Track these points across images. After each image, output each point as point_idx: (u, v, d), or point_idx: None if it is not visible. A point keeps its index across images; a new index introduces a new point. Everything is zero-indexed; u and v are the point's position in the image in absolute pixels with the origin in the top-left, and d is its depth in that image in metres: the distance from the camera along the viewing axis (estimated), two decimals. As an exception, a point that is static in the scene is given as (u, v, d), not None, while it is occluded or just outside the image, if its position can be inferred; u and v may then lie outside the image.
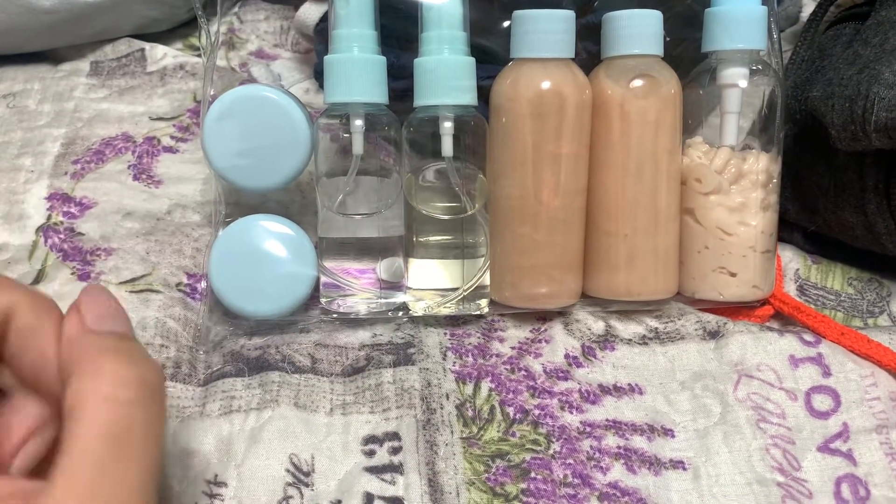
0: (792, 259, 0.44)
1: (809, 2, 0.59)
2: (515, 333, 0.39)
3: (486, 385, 0.37)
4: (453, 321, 0.40)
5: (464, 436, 0.35)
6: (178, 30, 0.54)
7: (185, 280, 0.40)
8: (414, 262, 0.39)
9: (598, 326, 0.39)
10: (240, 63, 0.52)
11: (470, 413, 0.36)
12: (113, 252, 0.41)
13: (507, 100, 0.37)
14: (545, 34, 0.36)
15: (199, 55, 0.51)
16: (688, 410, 0.36)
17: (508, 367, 0.37)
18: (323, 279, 0.38)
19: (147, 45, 0.52)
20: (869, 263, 0.43)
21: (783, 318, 0.41)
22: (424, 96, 0.37)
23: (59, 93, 0.49)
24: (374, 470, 0.34)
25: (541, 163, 0.37)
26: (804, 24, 0.51)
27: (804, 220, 0.43)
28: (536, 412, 0.36)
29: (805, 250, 0.44)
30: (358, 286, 0.39)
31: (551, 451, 0.34)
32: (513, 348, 0.38)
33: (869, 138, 0.36)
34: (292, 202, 0.43)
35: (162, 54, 0.51)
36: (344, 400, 0.36)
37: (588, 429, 0.35)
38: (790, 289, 0.43)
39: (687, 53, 0.41)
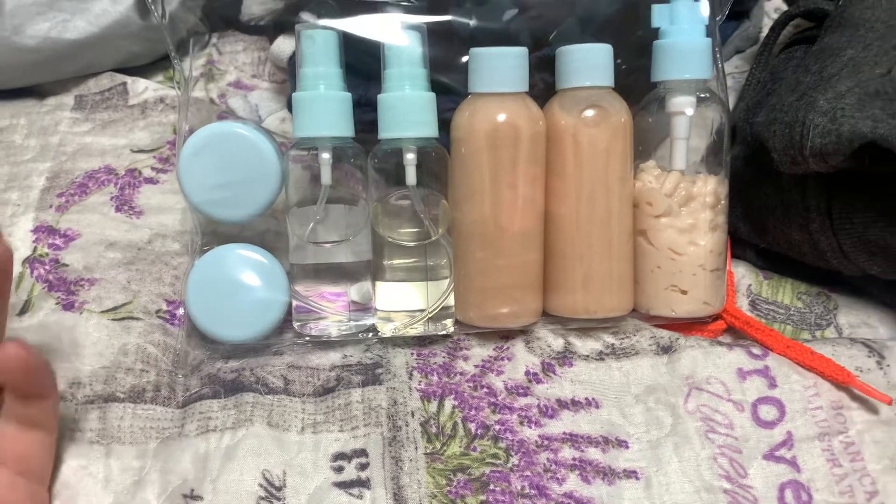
0: (744, 275, 0.46)
1: (770, 22, 0.61)
2: (479, 352, 0.41)
3: (449, 402, 0.39)
4: (421, 341, 0.42)
5: (427, 451, 0.37)
6: (159, 63, 0.56)
7: (164, 307, 0.43)
8: (381, 286, 0.41)
9: (558, 343, 0.41)
10: (219, 94, 0.55)
11: (434, 429, 0.38)
12: (96, 282, 0.43)
13: (465, 132, 0.39)
14: (499, 70, 0.39)
15: (177, 88, 0.53)
16: (641, 423, 0.38)
17: (471, 384, 0.39)
18: (295, 304, 0.41)
19: (129, 79, 0.54)
20: (818, 278, 0.45)
21: (736, 332, 0.43)
22: (388, 130, 0.39)
23: (45, 127, 0.51)
24: (343, 485, 0.36)
25: (498, 190, 0.39)
26: (759, 47, 0.54)
27: (755, 239, 0.46)
28: (497, 427, 0.38)
29: (757, 266, 0.47)
30: (329, 310, 0.41)
31: (510, 465, 0.36)
32: (476, 366, 0.40)
33: (807, 162, 0.39)
34: (268, 231, 0.45)
35: (143, 87, 0.53)
36: (315, 419, 0.38)
37: (546, 442, 0.37)
38: (743, 304, 0.45)
39: (639, 83, 0.43)
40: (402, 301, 0.41)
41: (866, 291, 0.45)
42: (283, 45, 0.50)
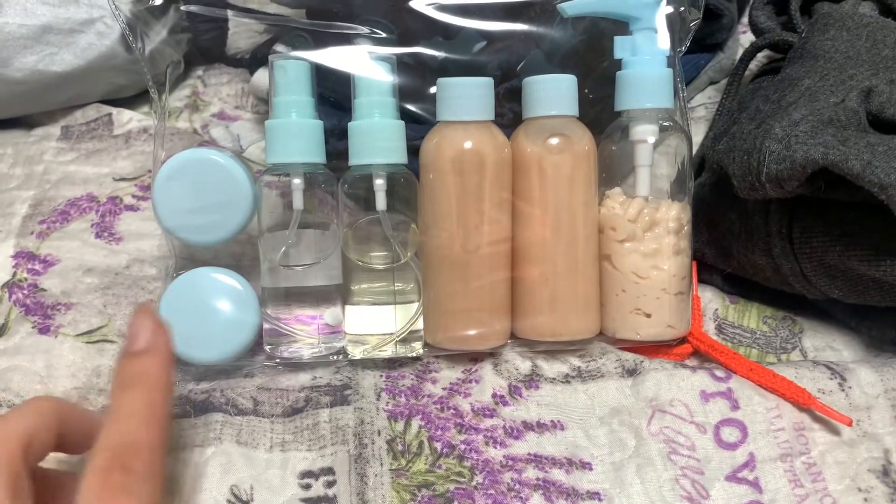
0: (711, 300, 0.47)
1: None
2: (448, 374, 0.42)
3: (416, 422, 0.39)
4: (390, 364, 0.42)
5: (393, 468, 0.37)
6: (144, 94, 0.58)
7: (139, 330, 0.43)
8: (351, 309, 0.42)
9: (525, 366, 0.42)
10: (202, 124, 0.56)
11: (400, 447, 0.38)
12: (72, 306, 0.43)
13: (432, 158, 0.40)
14: (466, 99, 0.40)
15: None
16: (605, 444, 0.39)
17: (439, 406, 0.40)
18: (266, 326, 0.41)
19: (114, 110, 0.55)
20: (784, 302, 0.46)
21: (702, 355, 0.44)
22: (358, 156, 0.40)
23: (30, 157, 0.53)
24: (310, 501, 0.36)
25: (465, 215, 0.40)
26: (728, 78, 0.55)
27: (720, 263, 0.47)
28: (462, 447, 0.38)
29: (724, 291, 0.47)
30: (301, 333, 0.42)
31: (474, 483, 0.37)
32: (444, 389, 0.41)
33: (764, 188, 0.40)
34: (244, 254, 0.46)
35: (128, 118, 0.55)
36: (283, 438, 0.39)
37: (510, 462, 0.38)
38: (709, 328, 0.45)
39: (605, 113, 0.45)
40: (371, 324, 0.42)
41: (831, 315, 0.45)
42: (263, 77, 0.51)
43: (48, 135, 0.54)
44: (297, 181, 0.40)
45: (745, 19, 0.63)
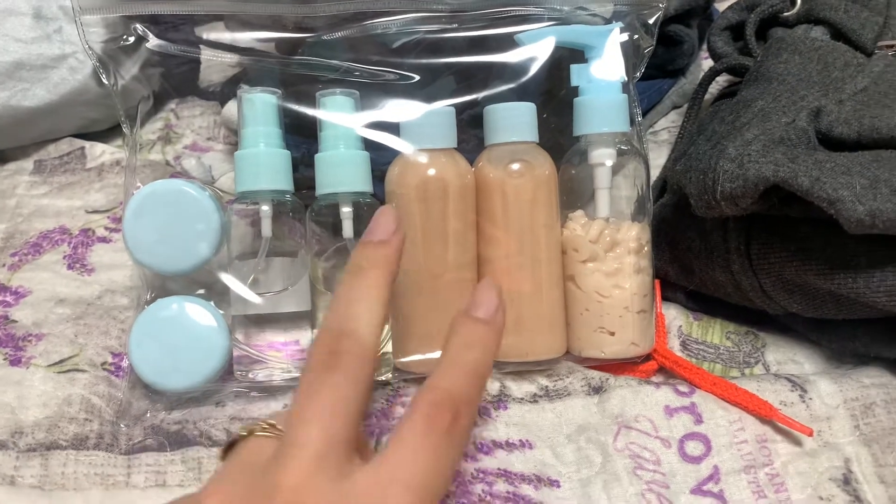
0: (676, 317, 0.48)
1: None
2: (418, 397, 0.42)
3: (386, 438, 0.40)
4: (361, 388, 0.43)
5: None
6: (117, 128, 0.59)
7: (110, 359, 0.44)
8: (320, 335, 0.42)
9: (494, 387, 0.43)
10: (174, 156, 0.57)
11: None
12: (44, 337, 0.44)
13: (396, 185, 0.41)
14: (429, 128, 0.41)
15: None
16: (572, 462, 0.39)
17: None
18: (236, 353, 0.42)
19: (87, 144, 0.56)
20: (747, 318, 0.47)
21: (667, 371, 0.44)
22: (325, 186, 0.41)
23: (3, 191, 0.53)
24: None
25: (430, 241, 0.41)
26: (689, 101, 0.57)
27: (683, 281, 0.48)
28: (431, 468, 0.39)
29: (688, 308, 0.48)
30: (273, 359, 0.42)
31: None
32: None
33: (720, 206, 0.41)
34: (216, 282, 0.47)
35: (101, 151, 0.55)
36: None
37: (481, 475, 0.38)
38: (674, 344, 0.46)
39: (564, 138, 0.46)
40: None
41: (792, 329, 0.46)
42: (233, 109, 0.52)
43: (21, 169, 0.55)
44: (266, 209, 0.41)
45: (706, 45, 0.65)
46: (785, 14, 0.54)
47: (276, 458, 0.28)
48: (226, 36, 0.50)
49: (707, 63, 0.68)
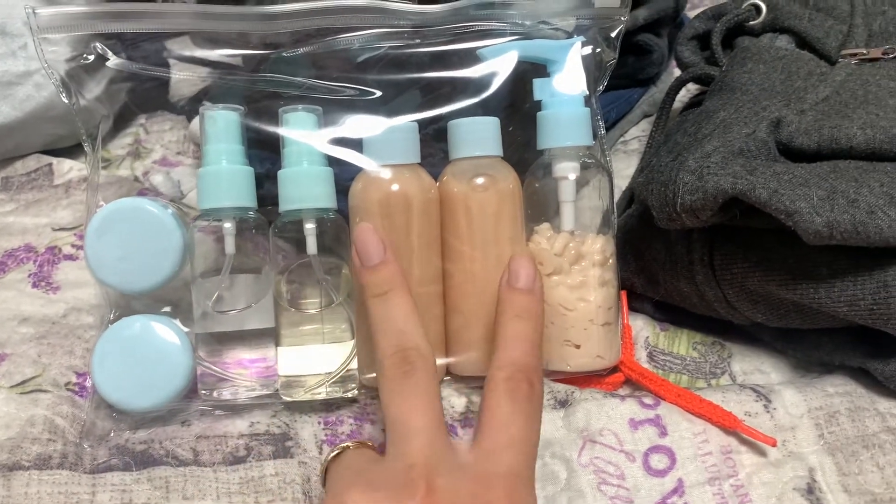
0: (643, 328, 0.48)
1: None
2: (385, 413, 0.42)
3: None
4: (327, 406, 0.43)
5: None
6: (85, 143, 0.58)
7: (74, 379, 0.43)
8: (283, 351, 0.42)
9: (461, 403, 0.43)
10: (143, 171, 0.57)
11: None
12: (6, 357, 0.43)
13: (359, 201, 0.41)
14: (392, 143, 0.41)
15: (103, 167, 0.55)
16: (538, 478, 0.39)
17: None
18: (200, 371, 0.42)
19: (55, 160, 0.56)
20: (713, 328, 0.48)
21: (634, 383, 0.45)
22: (288, 202, 0.41)
23: (-31, 209, 0.53)
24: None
25: (394, 256, 0.41)
26: (657, 111, 0.57)
27: (649, 292, 0.48)
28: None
29: (655, 318, 0.49)
30: (238, 377, 0.42)
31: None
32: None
33: (680, 218, 0.41)
34: (181, 300, 0.46)
35: (68, 168, 0.55)
36: (229, 489, 0.39)
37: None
38: (641, 356, 0.47)
39: (529, 152, 0.46)
40: (304, 366, 0.42)
41: (759, 339, 0.47)
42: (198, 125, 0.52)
43: (-13, 186, 0.55)
44: (229, 226, 0.41)
45: (676, 53, 0.65)
46: (751, 23, 0.55)
47: (396, 446, 0.33)
48: (192, 52, 0.50)
49: (678, 72, 0.68)
